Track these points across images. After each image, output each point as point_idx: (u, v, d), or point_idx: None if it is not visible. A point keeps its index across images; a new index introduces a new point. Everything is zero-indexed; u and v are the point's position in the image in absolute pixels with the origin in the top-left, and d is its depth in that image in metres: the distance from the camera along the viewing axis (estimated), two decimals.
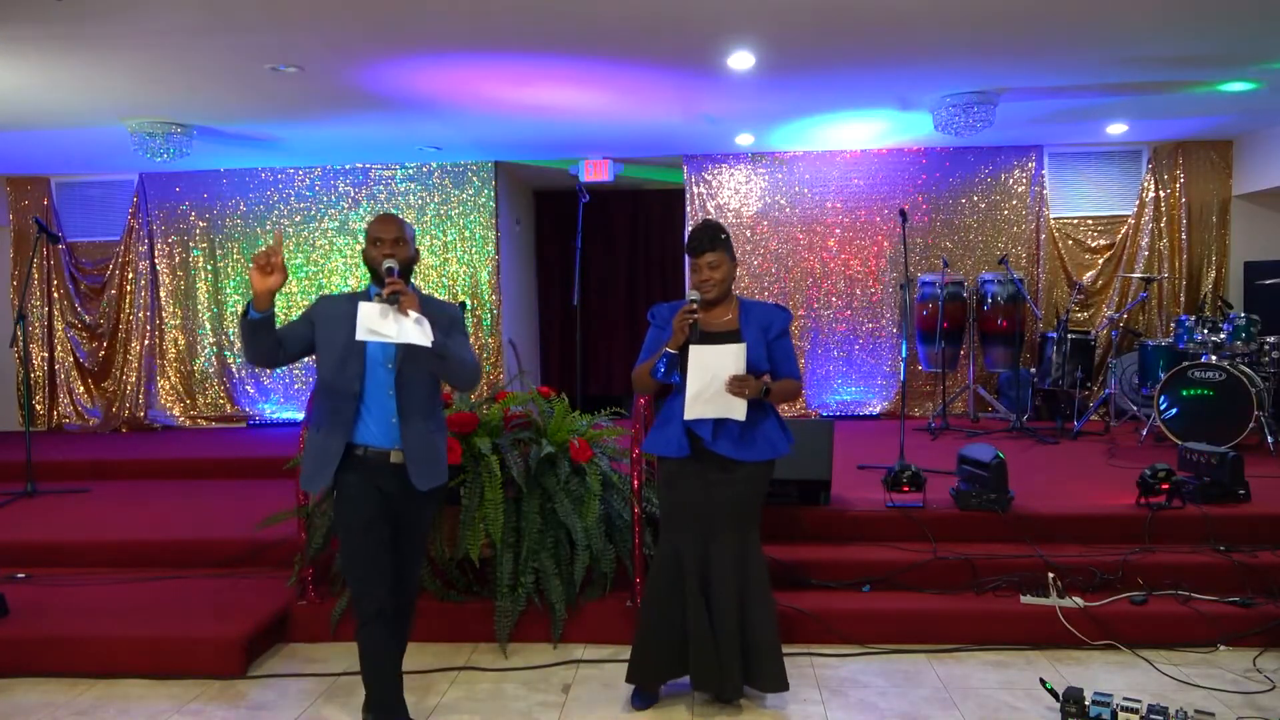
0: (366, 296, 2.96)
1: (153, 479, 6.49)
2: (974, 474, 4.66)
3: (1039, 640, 3.94)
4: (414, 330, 2.78)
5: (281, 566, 4.49)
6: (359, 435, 2.94)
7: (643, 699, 3.44)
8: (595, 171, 8.09)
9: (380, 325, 2.78)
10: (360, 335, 2.77)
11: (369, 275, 3.04)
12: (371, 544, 2.95)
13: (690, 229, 3.34)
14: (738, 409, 3.18)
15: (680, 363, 3.18)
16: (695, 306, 3.17)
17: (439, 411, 3.10)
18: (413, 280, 3.06)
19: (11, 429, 8.25)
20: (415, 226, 8.01)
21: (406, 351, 2.88)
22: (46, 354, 8.39)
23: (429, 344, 2.79)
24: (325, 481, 2.95)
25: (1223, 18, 4.58)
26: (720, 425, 3.22)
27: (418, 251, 3.07)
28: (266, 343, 2.88)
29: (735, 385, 3.13)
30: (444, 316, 3.00)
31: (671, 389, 3.31)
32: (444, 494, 3.15)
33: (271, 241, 2.75)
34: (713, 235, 3.24)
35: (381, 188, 8.29)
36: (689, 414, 3.19)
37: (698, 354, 3.16)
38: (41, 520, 5.36)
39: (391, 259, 2.88)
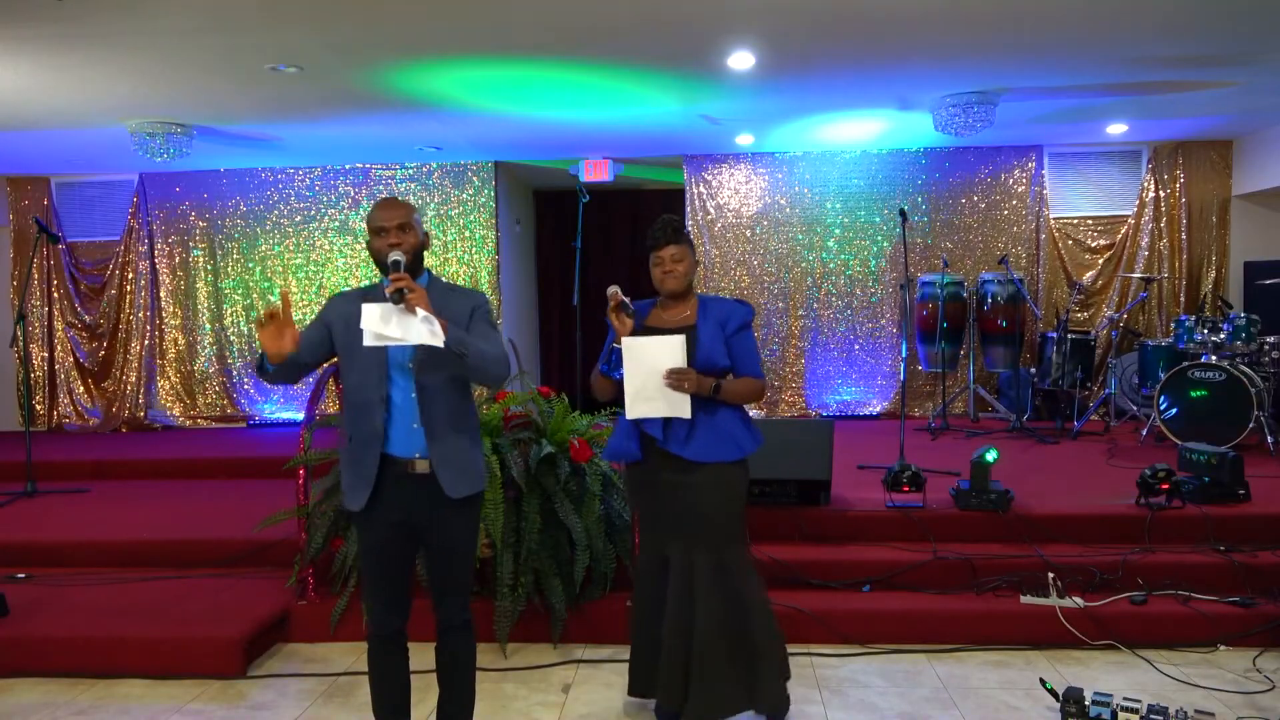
0: (379, 292, 2.71)
1: (153, 479, 6.49)
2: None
3: (1039, 640, 3.95)
4: (422, 330, 2.50)
5: (281, 566, 4.49)
6: (404, 442, 2.67)
7: (667, 715, 3.25)
8: (595, 171, 8.09)
9: (384, 328, 2.52)
10: (367, 341, 2.53)
11: (377, 268, 2.76)
12: (378, 565, 2.77)
13: (653, 223, 3.19)
14: (681, 406, 3.01)
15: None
16: (616, 290, 3.03)
17: (470, 414, 2.79)
18: (429, 270, 2.82)
19: (11, 429, 8.25)
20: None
21: (425, 350, 2.60)
22: (46, 354, 8.39)
23: (440, 344, 2.51)
24: (364, 497, 2.68)
25: (1223, 18, 4.58)
26: (669, 423, 3.07)
27: (428, 235, 2.80)
28: (288, 378, 2.72)
29: (673, 379, 2.97)
30: (464, 306, 2.73)
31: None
32: (477, 505, 2.81)
33: (278, 304, 2.52)
34: (676, 228, 3.14)
35: (381, 188, 8.29)
36: (631, 413, 3.05)
37: (631, 347, 3.02)
38: (41, 520, 5.36)
39: (398, 250, 2.63)
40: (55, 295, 8.41)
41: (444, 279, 2.87)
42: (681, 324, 3.17)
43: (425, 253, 2.79)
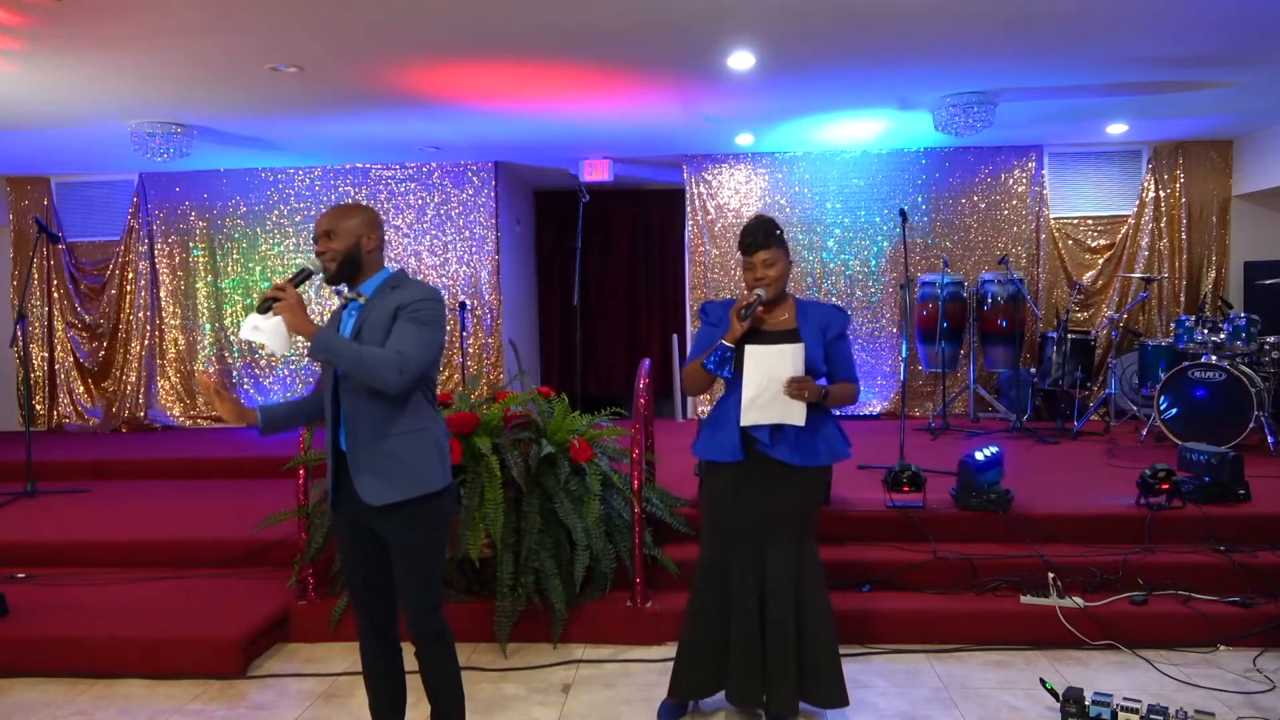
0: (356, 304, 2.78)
1: (153, 479, 6.49)
2: None
3: (1039, 640, 3.95)
4: (284, 340, 2.57)
5: (281, 566, 4.49)
6: (344, 443, 2.71)
7: (671, 712, 3.32)
8: (595, 171, 8.09)
9: (254, 335, 2.56)
10: (270, 351, 2.69)
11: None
12: (350, 557, 2.81)
13: (744, 225, 3.14)
14: (796, 413, 3.03)
15: (736, 359, 3.05)
16: (759, 297, 3.03)
17: (403, 421, 2.67)
18: (389, 269, 2.77)
19: (11, 429, 8.25)
20: (416, 227, 8.13)
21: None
22: (46, 354, 8.39)
23: (281, 351, 2.59)
24: (329, 497, 2.78)
25: (1223, 18, 4.58)
26: (778, 429, 3.08)
27: (368, 237, 2.71)
28: (301, 423, 2.86)
29: (794, 388, 2.97)
30: (389, 306, 2.66)
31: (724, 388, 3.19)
32: (422, 514, 2.69)
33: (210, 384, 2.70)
34: (767, 231, 3.08)
35: (381, 188, 8.29)
36: (745, 419, 3.04)
37: (754, 355, 3.02)
38: (41, 520, 5.36)
39: (320, 257, 2.68)
40: (55, 295, 8.41)
41: (411, 277, 2.81)
42: (782, 327, 3.16)
43: (372, 255, 2.73)
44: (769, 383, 3.01)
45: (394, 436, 2.66)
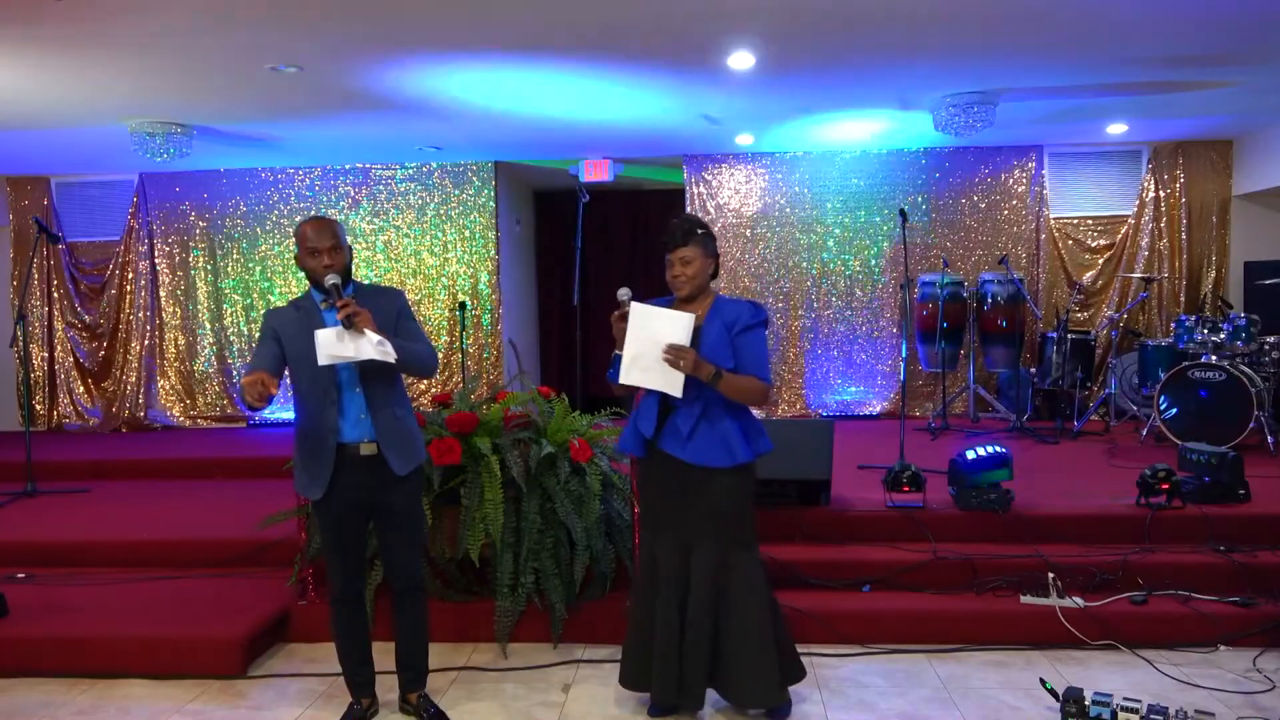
0: (311, 302, 3.07)
1: (153, 479, 6.49)
2: None
3: (1039, 640, 3.94)
4: (373, 349, 2.85)
5: (281, 566, 4.49)
6: (360, 430, 3.05)
7: (659, 709, 3.32)
8: (595, 171, 8.09)
9: (338, 349, 2.84)
10: (322, 361, 2.87)
11: (310, 283, 3.09)
12: (339, 539, 3.14)
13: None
14: (674, 383, 3.01)
15: (620, 340, 3.13)
16: (625, 295, 3.13)
17: (404, 395, 3.20)
18: (355, 278, 3.16)
19: (11, 429, 8.25)
20: (416, 227, 8.16)
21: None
22: (46, 354, 8.39)
23: (392, 360, 2.90)
24: (323, 486, 3.05)
25: (1223, 18, 4.58)
26: (664, 422, 3.12)
27: (351, 248, 3.15)
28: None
29: (671, 353, 2.97)
30: (390, 309, 3.10)
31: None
32: (422, 475, 3.31)
33: (258, 389, 2.80)
34: (686, 230, 3.11)
35: (381, 188, 8.29)
36: (624, 378, 3.06)
37: (639, 313, 3.04)
38: (41, 520, 5.36)
39: (332, 272, 2.96)
40: (55, 295, 8.41)
41: (365, 282, 3.29)
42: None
43: (351, 264, 3.13)
44: (650, 346, 3.02)
45: (405, 416, 3.15)
